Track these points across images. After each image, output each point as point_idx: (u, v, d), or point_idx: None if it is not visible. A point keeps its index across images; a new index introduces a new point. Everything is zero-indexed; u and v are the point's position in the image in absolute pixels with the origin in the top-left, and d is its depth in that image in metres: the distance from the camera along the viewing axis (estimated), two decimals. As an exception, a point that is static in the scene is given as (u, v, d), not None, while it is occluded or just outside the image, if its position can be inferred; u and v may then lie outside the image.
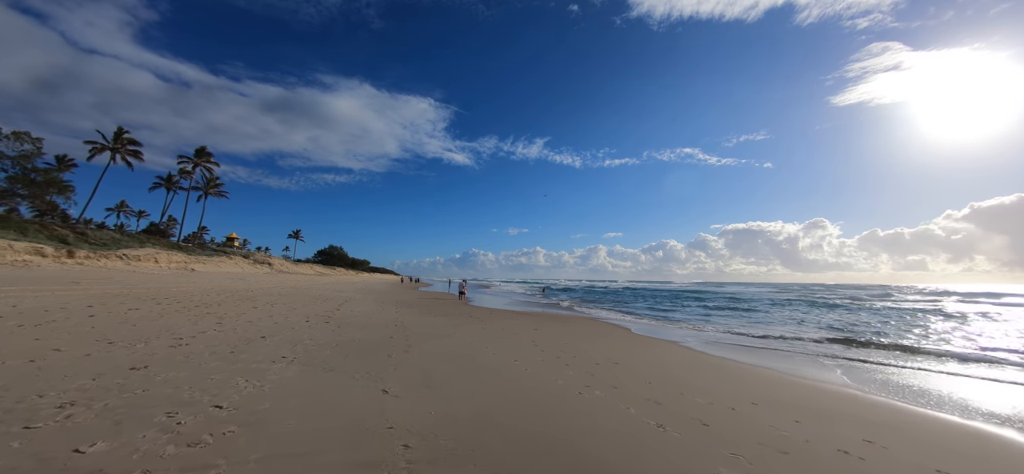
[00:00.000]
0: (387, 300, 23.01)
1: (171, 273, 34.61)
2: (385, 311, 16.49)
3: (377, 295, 27.83)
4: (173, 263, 39.51)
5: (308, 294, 22.94)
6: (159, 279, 26.94)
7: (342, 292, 28.00)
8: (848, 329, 16.28)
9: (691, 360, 9.25)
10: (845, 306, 29.17)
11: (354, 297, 23.46)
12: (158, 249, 40.20)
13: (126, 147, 59.78)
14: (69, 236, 34.92)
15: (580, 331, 13.50)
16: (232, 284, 26.91)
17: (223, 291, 20.46)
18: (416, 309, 18.49)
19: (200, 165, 66.52)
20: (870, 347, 12.07)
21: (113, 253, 34.26)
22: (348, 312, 14.93)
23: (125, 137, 59.70)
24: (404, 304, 20.80)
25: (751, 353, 10.62)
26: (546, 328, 13.63)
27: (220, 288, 22.37)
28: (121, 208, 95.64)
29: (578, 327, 14.82)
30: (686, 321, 19.72)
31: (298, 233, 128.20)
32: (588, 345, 10.47)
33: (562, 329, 13.67)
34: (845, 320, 19.66)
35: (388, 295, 28.99)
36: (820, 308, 27.34)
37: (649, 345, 11.31)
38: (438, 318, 15.02)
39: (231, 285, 25.81)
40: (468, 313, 17.97)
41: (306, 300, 18.77)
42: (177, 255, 41.79)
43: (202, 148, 66.71)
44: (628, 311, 24.27)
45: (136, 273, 30.26)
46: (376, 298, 24.48)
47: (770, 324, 18.23)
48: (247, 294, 19.52)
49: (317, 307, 15.79)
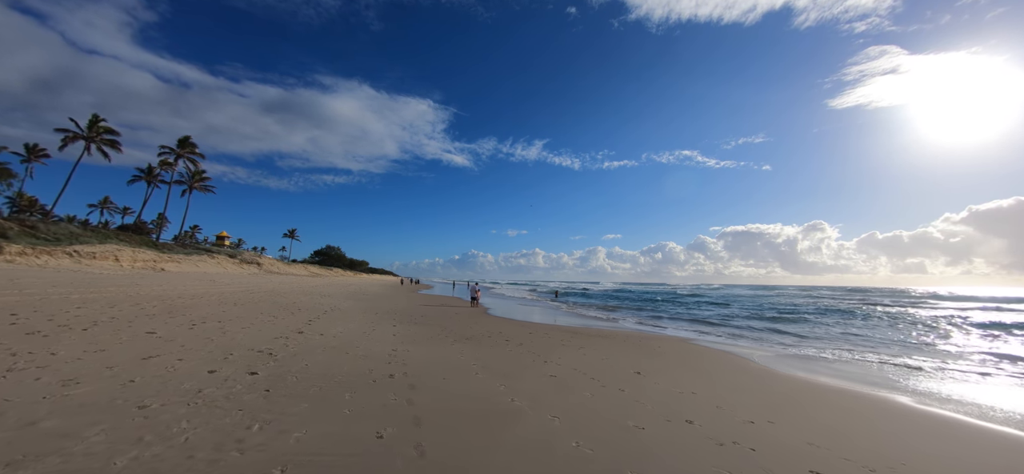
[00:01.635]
0: (383, 310, 17.72)
1: (132, 273, 29.37)
2: (378, 330, 11.18)
3: (371, 301, 22.56)
4: (139, 262, 34.22)
5: (281, 301, 17.68)
6: (108, 281, 21.73)
7: (327, 298, 22.70)
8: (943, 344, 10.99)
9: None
10: (884, 316, 23.86)
11: (339, 306, 18.13)
12: (121, 245, 34.92)
13: (102, 137, 54.65)
14: (11, 229, 29.60)
15: (700, 364, 8.21)
16: (195, 287, 21.66)
17: (173, 297, 15.23)
18: (422, 325, 13.19)
19: (183, 156, 61.32)
20: None
21: (61, 249, 28.94)
22: (317, 335, 9.63)
23: (101, 126, 54.56)
24: (404, 316, 15.52)
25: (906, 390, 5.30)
26: (647, 363, 8.32)
27: (175, 293, 17.17)
28: (104, 204, 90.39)
29: (661, 353, 9.53)
30: (749, 335, 14.67)
31: (293, 233, 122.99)
32: (735, 399, 5.16)
33: (660, 363, 8.37)
34: (917, 335, 14.47)
35: (385, 301, 23.69)
36: (856, 317, 22.06)
37: (814, 391, 6.01)
38: (459, 345, 9.73)
39: (192, 288, 20.58)
40: (498, 331, 12.69)
41: (271, 310, 13.52)
42: (145, 253, 36.51)
43: (185, 138, 61.51)
44: (679, 320, 19.10)
45: (81, 273, 24.96)
46: (368, 306, 19.16)
47: (862, 341, 13.06)
48: (200, 300, 14.31)
49: (275, 324, 10.52)
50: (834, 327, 18.21)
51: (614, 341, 11.92)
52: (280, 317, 12.16)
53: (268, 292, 22.88)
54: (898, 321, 21.04)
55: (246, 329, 9.50)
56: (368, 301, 22.69)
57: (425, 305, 22.53)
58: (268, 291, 23.79)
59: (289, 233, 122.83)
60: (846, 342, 13.76)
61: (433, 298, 31.12)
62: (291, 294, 22.96)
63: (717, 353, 10.51)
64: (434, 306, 22.17)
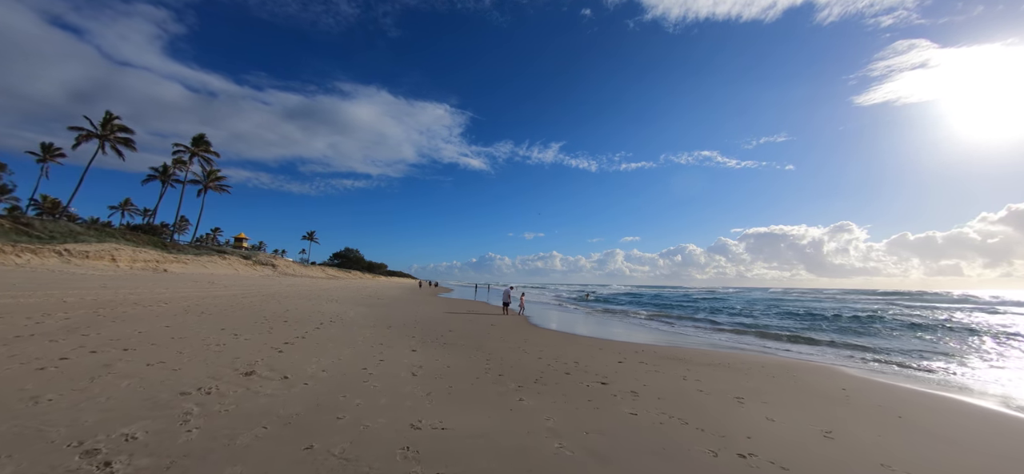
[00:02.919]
0: (399, 322, 13.92)
1: (129, 274, 26.60)
2: (388, 362, 7.25)
3: (385, 308, 18.85)
4: (139, 262, 31.58)
5: (271, 308, 14.10)
6: (98, 281, 18.76)
7: (334, 303, 19.10)
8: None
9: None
10: (961, 325, 18.52)
11: (344, 315, 14.42)
12: (121, 245, 32.38)
13: (115, 135, 53.21)
14: (1, 226, 27.16)
15: (909, 411, 3.99)
16: (178, 291, 18.40)
17: (128, 303, 11.82)
18: (453, 348, 9.23)
19: (198, 155, 59.53)
20: None
21: (50, 247, 26.31)
22: (276, 380, 5.76)
23: (115, 123, 53.09)
24: (427, 331, 11.64)
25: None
26: (841, 414, 4.12)
27: (167, 297, 13.92)
28: (125, 206, 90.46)
29: (837, 396, 5.27)
30: (888, 356, 10.14)
31: (312, 235, 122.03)
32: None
33: (864, 416, 4.15)
34: None
35: (402, 308, 19.94)
36: (930, 329, 16.95)
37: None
38: (522, 392, 5.70)
39: (172, 292, 17.30)
40: (560, 354, 8.60)
41: (247, 323, 9.86)
42: (147, 253, 33.93)
43: (200, 136, 59.75)
44: (752, 334, 14.66)
45: (60, 273, 22.09)
46: (381, 317, 15.39)
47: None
48: (161, 309, 10.80)
49: (228, 351, 6.75)
50: (947, 342, 13.48)
51: (737, 371, 7.73)
52: (250, 335, 8.44)
53: (265, 297, 19.44)
54: (984, 333, 16.05)
55: (169, 361, 5.73)
56: (382, 309, 18.96)
57: (450, 313, 18.67)
58: (266, 295, 20.38)
59: (308, 235, 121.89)
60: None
61: (457, 303, 27.28)
62: (292, 299, 19.46)
63: (899, 390, 6.20)
64: (460, 315, 18.28)
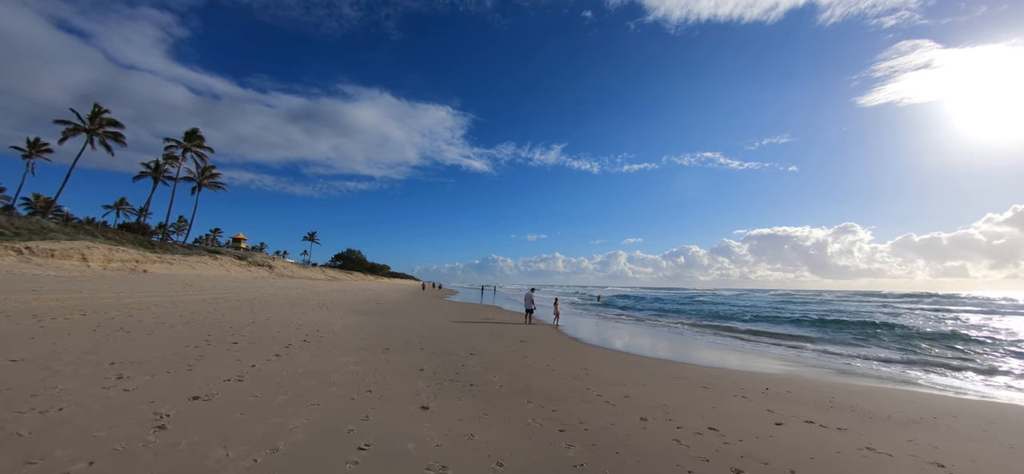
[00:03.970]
0: (398, 339, 10.54)
1: (98, 275, 23.43)
2: (388, 434, 3.80)
3: (385, 316, 15.47)
4: (114, 262, 28.40)
5: (241, 320, 10.75)
6: (52, 283, 15.55)
7: (322, 310, 15.75)
8: None
9: None
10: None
11: (329, 329, 11.06)
12: (94, 242, 29.21)
13: (104, 129, 50.24)
14: (-45, 221, 24.01)
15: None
16: (160, 296, 15.14)
17: (110, 308, 8.51)
18: (491, 397, 5.75)
19: (190, 150, 56.51)
20: None
21: (10, 244, 23.15)
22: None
23: (104, 117, 50.05)
24: (439, 356, 8.23)
25: None
26: None
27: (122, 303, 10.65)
28: (120, 206, 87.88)
29: None
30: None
31: (314, 236, 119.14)
32: None
33: None
34: None
35: (404, 315, 16.56)
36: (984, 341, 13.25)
37: None
38: None
39: (155, 297, 14.03)
40: (643, 398, 5.18)
41: (191, 343, 6.53)
42: (126, 252, 30.76)
43: (192, 131, 56.76)
44: (830, 349, 11.18)
45: (18, 275, 18.88)
46: (376, 329, 11.99)
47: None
48: (130, 315, 7.51)
49: (116, 398, 3.40)
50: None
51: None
52: (166, 368, 5.07)
53: (240, 302, 16.12)
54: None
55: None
56: (380, 317, 15.58)
57: (463, 323, 15.28)
58: (244, 300, 17.06)
59: (309, 236, 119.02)
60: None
61: (466, 309, 23.86)
62: (273, 305, 16.12)
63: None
64: (476, 326, 14.87)
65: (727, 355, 11.41)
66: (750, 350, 12.55)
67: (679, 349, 12.18)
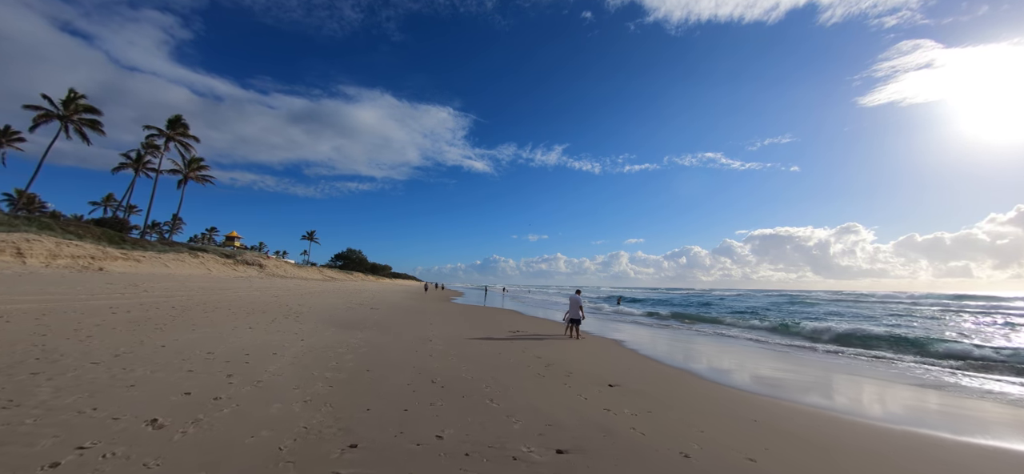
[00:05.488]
0: (378, 420, 5.72)
1: (33, 273, 18.93)
2: None
3: (373, 331, 10.81)
4: (62, 258, 23.89)
5: (117, 343, 6.21)
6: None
7: (288, 324, 11.10)
8: None
9: None
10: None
11: (260, 372, 6.34)
12: (38, 234, 24.67)
13: (80, 116, 45.85)
14: None
15: None
16: (79, 301, 10.56)
17: None
18: None
19: (174, 139, 52.07)
20: None
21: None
22: None
23: (80, 104, 45.73)
24: (472, 415, 3.55)
25: None
26: None
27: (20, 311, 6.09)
28: (107, 202, 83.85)
29: None
30: None
31: (312, 235, 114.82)
32: None
33: None
34: None
35: (402, 332, 11.87)
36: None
37: None
38: None
39: (71, 303, 9.49)
40: None
41: None
42: (80, 247, 26.25)
43: (176, 118, 52.30)
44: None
45: None
46: (367, 350, 7.30)
47: None
48: None
49: None
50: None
51: None
52: None
53: (186, 308, 11.47)
54: None
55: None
56: (369, 331, 10.93)
57: (485, 339, 10.63)
58: (196, 303, 12.43)
59: (308, 235, 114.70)
60: None
61: (480, 316, 19.18)
62: (221, 313, 11.46)
63: None
64: (503, 343, 10.22)
65: (925, 397, 6.73)
66: (890, 377, 7.83)
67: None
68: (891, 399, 6.97)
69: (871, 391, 7.56)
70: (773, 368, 9.31)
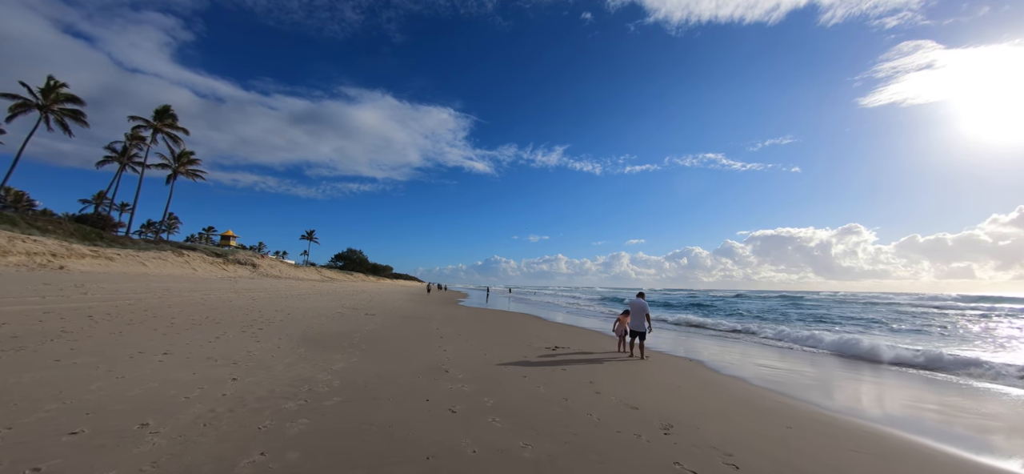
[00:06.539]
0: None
1: None
2: None
3: (362, 353, 7.68)
4: (14, 255, 20.86)
5: None
6: None
7: (247, 342, 7.96)
8: None
9: None
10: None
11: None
12: None
13: (61, 106, 42.92)
14: None
15: None
16: (12, 305, 7.50)
17: None
18: None
19: (161, 131, 49.09)
20: None
21: None
22: None
23: (61, 92, 42.77)
24: None
25: None
26: None
27: None
28: (99, 200, 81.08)
29: None
30: None
31: (312, 235, 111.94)
32: None
33: None
34: None
35: (403, 342, 8.70)
36: None
37: None
38: None
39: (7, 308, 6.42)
40: None
41: None
42: (39, 244, 23.24)
43: (164, 108, 49.37)
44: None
45: None
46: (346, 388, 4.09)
47: None
48: None
49: None
50: None
51: None
52: None
53: (128, 314, 8.35)
54: None
55: None
56: (359, 356, 7.79)
57: (520, 364, 7.52)
58: (147, 310, 9.34)
59: (307, 235, 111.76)
60: None
61: (496, 322, 16.00)
62: (180, 318, 8.35)
63: None
64: (548, 369, 7.10)
65: None
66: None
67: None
68: None
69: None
70: (931, 404, 6.11)
